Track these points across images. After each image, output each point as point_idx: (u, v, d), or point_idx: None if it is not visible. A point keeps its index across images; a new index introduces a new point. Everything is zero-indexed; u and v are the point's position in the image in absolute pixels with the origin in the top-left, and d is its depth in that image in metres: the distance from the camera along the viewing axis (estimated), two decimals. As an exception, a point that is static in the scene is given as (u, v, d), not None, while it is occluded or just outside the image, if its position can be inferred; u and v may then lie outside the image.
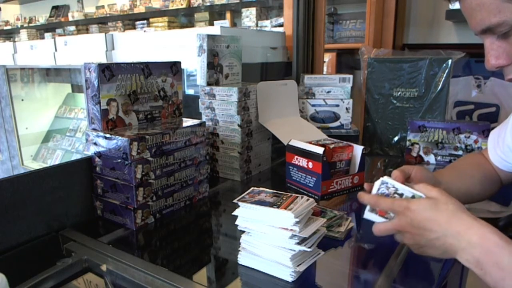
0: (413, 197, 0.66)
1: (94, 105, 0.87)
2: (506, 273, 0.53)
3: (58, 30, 4.80)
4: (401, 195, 0.68)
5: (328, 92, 1.41)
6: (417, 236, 0.62)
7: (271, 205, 0.64)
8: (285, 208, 0.62)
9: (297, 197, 0.66)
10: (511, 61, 0.60)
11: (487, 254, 0.55)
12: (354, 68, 2.34)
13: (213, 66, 1.17)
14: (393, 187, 0.69)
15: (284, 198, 0.66)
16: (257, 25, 3.14)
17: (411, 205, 0.62)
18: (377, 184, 0.71)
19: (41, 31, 5.05)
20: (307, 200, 0.66)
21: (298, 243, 0.62)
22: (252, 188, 0.71)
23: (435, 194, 0.63)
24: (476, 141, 1.19)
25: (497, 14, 0.56)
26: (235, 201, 0.67)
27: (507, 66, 0.61)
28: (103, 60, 1.84)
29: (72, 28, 4.61)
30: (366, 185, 0.75)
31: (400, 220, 0.64)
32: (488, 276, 0.55)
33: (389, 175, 0.74)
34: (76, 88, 2.67)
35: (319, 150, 0.95)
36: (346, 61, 2.46)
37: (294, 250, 0.63)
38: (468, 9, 0.59)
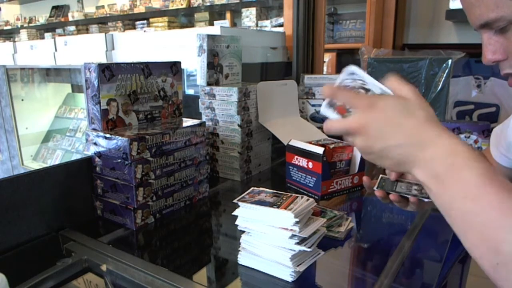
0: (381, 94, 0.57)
1: (94, 105, 0.87)
2: (467, 192, 0.47)
3: (58, 30, 4.80)
4: (367, 90, 0.58)
5: (328, 92, 1.41)
6: (373, 140, 0.54)
7: (271, 205, 0.64)
8: (285, 208, 0.62)
9: (297, 197, 0.66)
10: (507, 56, 0.61)
11: (451, 168, 0.48)
12: (354, 68, 2.33)
13: (213, 66, 1.17)
14: (361, 80, 0.59)
15: (284, 198, 0.66)
16: (257, 25, 3.14)
17: (377, 102, 0.54)
18: (343, 73, 0.61)
19: (41, 31, 5.05)
20: (307, 200, 0.66)
21: (298, 243, 0.62)
22: (252, 188, 0.71)
23: (408, 93, 0.55)
24: (476, 141, 1.19)
25: (495, 10, 0.56)
26: (235, 201, 0.67)
27: (503, 61, 0.62)
28: (103, 60, 1.84)
29: (72, 28, 4.61)
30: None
31: (360, 117, 0.55)
32: (445, 193, 0.49)
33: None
34: (76, 88, 2.67)
35: (319, 150, 0.95)
36: (346, 61, 2.45)
37: (294, 250, 0.63)
38: (467, 4, 0.60)
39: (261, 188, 0.70)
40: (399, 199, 0.68)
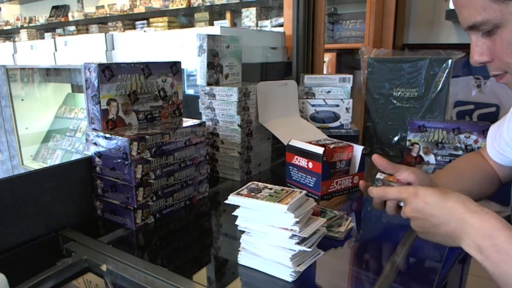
0: None
1: (94, 105, 0.87)
2: (502, 256, 0.54)
3: (58, 30, 4.81)
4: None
5: (328, 92, 1.41)
6: (423, 221, 0.64)
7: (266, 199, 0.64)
8: (279, 202, 0.62)
9: (294, 191, 0.66)
10: (493, 58, 0.63)
11: (485, 237, 0.56)
12: (354, 68, 2.34)
13: (213, 66, 1.17)
14: (389, 183, 0.73)
15: (283, 192, 0.65)
16: (257, 25, 3.14)
17: (418, 191, 0.64)
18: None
19: (41, 31, 5.05)
20: (300, 192, 0.65)
21: (298, 243, 0.62)
22: (251, 182, 0.70)
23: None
24: (476, 141, 1.19)
25: (482, 13, 0.58)
26: (229, 198, 0.66)
27: (490, 62, 0.64)
28: (103, 60, 1.84)
29: (72, 28, 4.61)
30: (361, 183, 0.79)
31: (407, 207, 0.66)
32: (487, 261, 0.55)
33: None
34: (76, 88, 2.67)
35: (319, 150, 0.95)
36: (346, 61, 2.46)
37: (294, 250, 0.63)
38: (458, 5, 0.62)
39: (259, 184, 0.70)
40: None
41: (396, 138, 1.38)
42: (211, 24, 3.44)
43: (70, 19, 4.57)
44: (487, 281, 0.53)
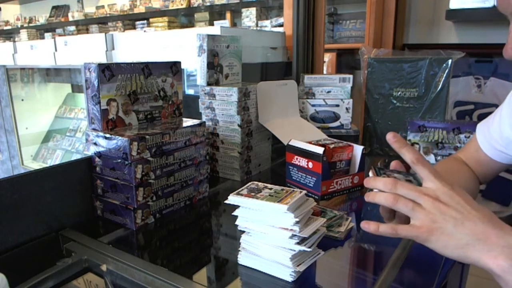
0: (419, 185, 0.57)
1: (94, 105, 0.87)
2: None
3: (58, 30, 4.81)
4: (410, 181, 0.59)
5: (328, 92, 1.41)
6: (442, 206, 0.51)
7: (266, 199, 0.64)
8: (279, 202, 0.62)
9: (294, 191, 0.66)
10: None
11: None
12: (354, 68, 2.34)
13: (213, 66, 1.17)
14: (392, 174, 0.62)
15: (284, 192, 0.66)
16: (257, 25, 3.14)
17: (439, 187, 0.53)
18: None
19: (41, 31, 5.05)
20: (300, 192, 0.65)
21: (298, 243, 0.62)
22: (251, 182, 0.70)
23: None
24: (476, 141, 1.19)
25: None
26: (230, 196, 0.66)
27: None
28: (103, 60, 1.84)
29: (72, 28, 4.61)
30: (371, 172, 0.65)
31: (427, 183, 0.54)
32: None
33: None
34: (76, 88, 2.67)
35: (319, 150, 0.95)
36: (346, 61, 2.46)
37: (294, 250, 0.63)
38: None
39: (259, 184, 0.70)
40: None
41: (396, 138, 1.38)
42: (211, 24, 3.44)
43: (70, 19, 4.57)
44: (487, 281, 0.52)
